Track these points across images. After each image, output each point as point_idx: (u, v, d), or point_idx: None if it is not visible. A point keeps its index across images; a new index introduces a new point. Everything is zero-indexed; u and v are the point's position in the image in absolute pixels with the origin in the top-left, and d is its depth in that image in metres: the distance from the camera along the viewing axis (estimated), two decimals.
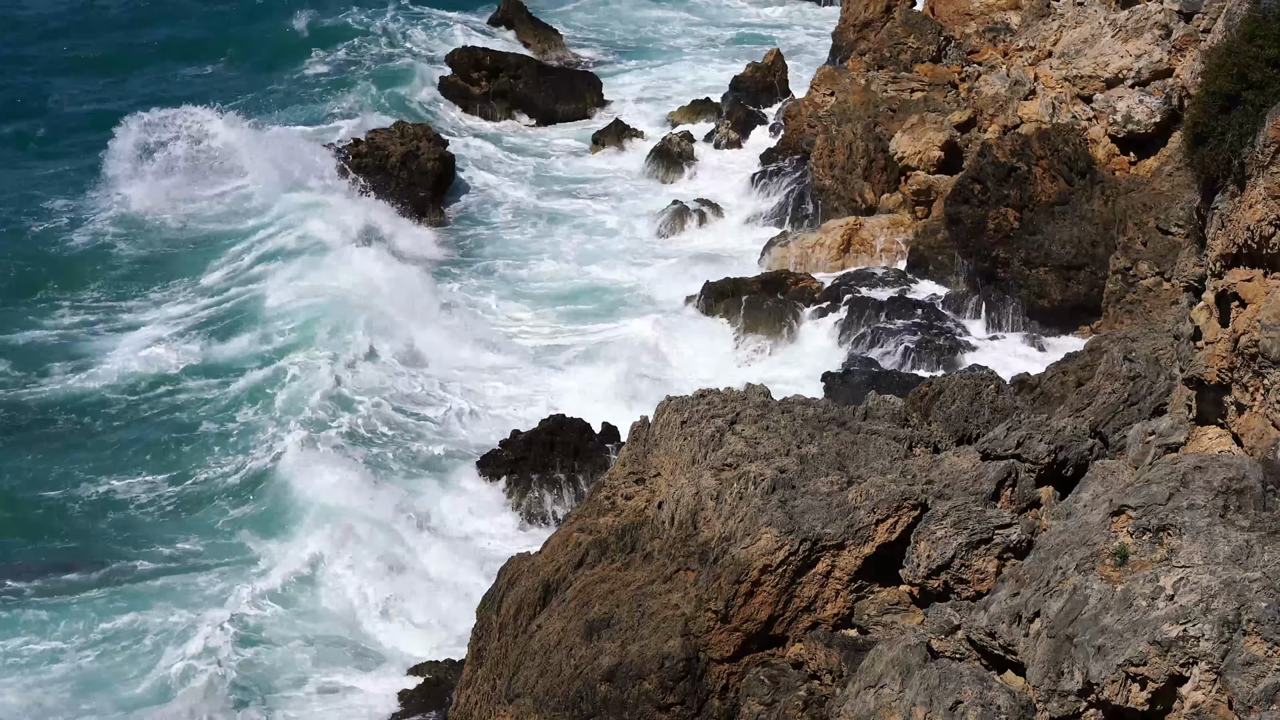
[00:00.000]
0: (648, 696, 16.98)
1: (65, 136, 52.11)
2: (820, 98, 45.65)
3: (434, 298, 39.21)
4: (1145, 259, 33.54)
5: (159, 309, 39.12)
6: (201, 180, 47.27)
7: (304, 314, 37.45)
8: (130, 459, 31.31)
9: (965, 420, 20.24)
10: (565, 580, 19.09)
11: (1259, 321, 14.40)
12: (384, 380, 34.45)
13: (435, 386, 34.68)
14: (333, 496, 29.02)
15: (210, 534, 28.58)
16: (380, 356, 35.35)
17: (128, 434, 32.33)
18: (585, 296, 40.75)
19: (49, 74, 59.18)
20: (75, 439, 32.23)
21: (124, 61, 61.15)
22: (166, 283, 40.83)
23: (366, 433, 32.26)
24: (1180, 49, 37.44)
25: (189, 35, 64.89)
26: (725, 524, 17.44)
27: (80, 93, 57.34)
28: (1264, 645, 12.29)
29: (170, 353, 35.90)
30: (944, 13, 46.61)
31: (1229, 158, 14.76)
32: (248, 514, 29.22)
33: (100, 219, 44.67)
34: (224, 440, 31.98)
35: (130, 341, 36.74)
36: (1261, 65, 14.53)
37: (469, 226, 46.24)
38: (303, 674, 24.52)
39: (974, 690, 13.83)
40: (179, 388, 34.47)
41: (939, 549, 16.31)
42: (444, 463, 31.55)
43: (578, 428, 30.85)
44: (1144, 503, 13.70)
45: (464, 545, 28.59)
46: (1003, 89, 40.38)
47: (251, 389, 34.07)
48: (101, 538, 28.29)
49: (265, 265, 41.16)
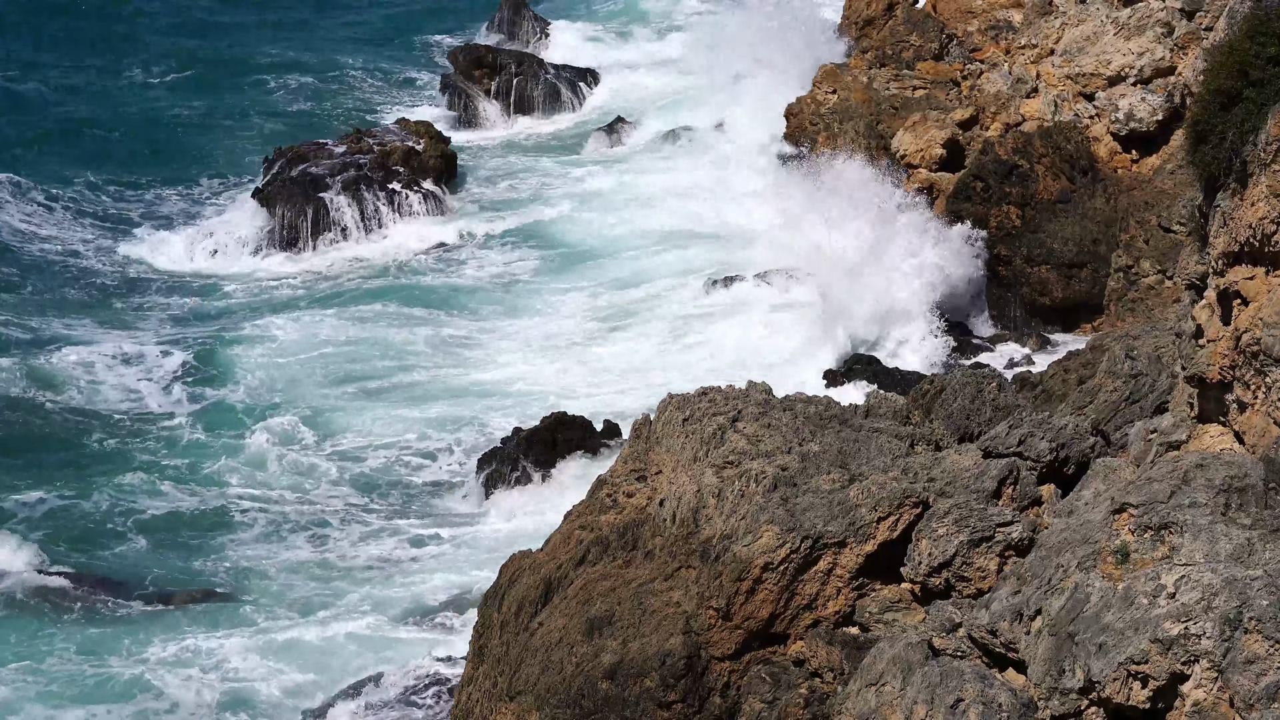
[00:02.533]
0: (649, 694, 16.98)
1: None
2: (822, 95, 45.57)
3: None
4: (1147, 257, 33.54)
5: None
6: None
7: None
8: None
9: (967, 418, 20.23)
10: (566, 578, 19.09)
11: (1261, 319, 14.40)
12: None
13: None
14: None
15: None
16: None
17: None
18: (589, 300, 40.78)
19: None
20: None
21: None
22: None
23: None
24: (1182, 47, 37.42)
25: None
26: (727, 521, 17.44)
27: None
28: (1265, 643, 12.29)
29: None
30: (946, 10, 46.54)
31: (1231, 156, 14.74)
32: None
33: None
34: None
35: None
36: (1263, 63, 14.51)
37: (469, 224, 46.18)
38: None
39: (975, 688, 13.84)
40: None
41: (940, 547, 16.31)
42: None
43: (580, 424, 30.87)
44: (1145, 501, 13.70)
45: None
46: (1005, 87, 40.36)
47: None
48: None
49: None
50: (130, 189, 48.30)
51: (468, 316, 39.04)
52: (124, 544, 28.35)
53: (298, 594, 26.66)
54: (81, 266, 42.32)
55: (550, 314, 38.93)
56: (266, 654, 24.54)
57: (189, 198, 48.11)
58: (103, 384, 34.66)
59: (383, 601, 26.38)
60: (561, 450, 30.39)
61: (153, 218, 46.32)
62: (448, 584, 26.90)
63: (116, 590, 26.61)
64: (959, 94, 43.41)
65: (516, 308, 39.64)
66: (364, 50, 62.79)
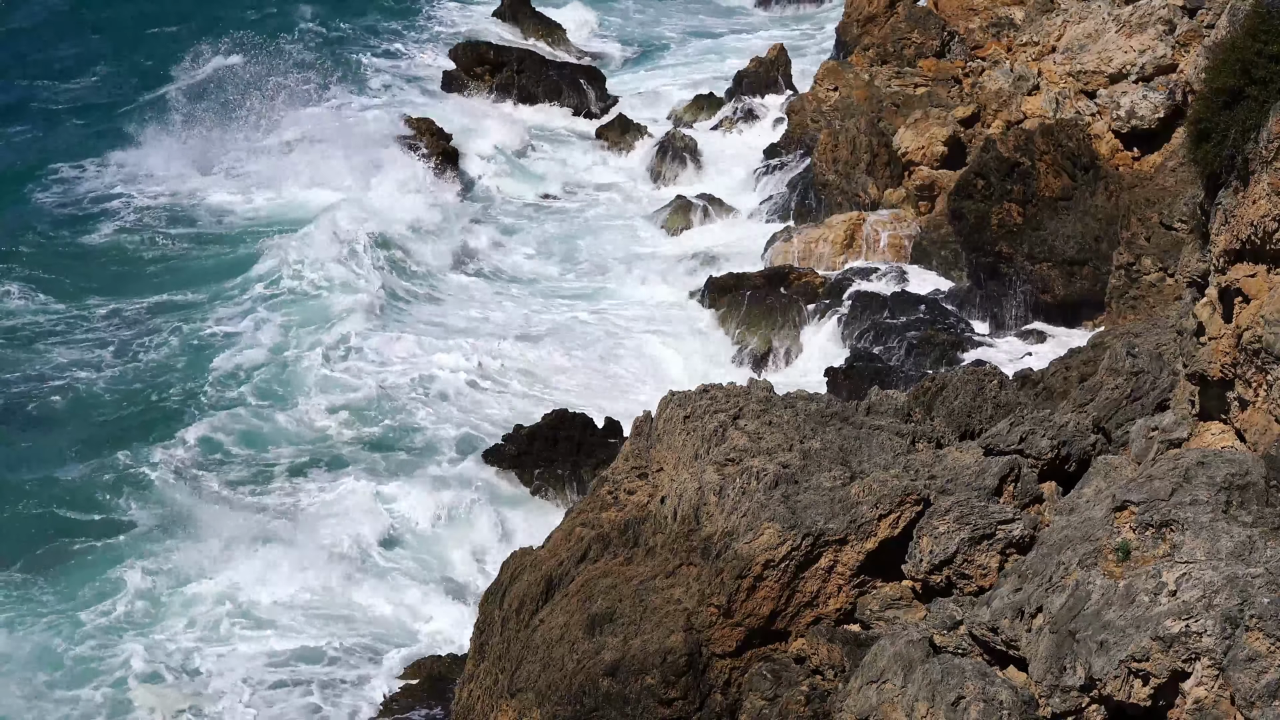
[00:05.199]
0: (650, 691, 16.99)
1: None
2: (824, 92, 45.63)
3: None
4: (1149, 254, 33.53)
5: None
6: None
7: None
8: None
9: (968, 415, 20.24)
10: (568, 575, 19.10)
11: (1262, 317, 14.40)
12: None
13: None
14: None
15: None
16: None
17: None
18: (587, 296, 40.78)
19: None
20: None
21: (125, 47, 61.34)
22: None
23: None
24: (1184, 44, 37.43)
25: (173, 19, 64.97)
26: (728, 519, 17.45)
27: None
28: (1266, 641, 12.29)
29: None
30: (948, 8, 46.57)
31: (1232, 153, 14.75)
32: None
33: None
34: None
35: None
36: (1265, 61, 14.52)
37: (470, 220, 46.20)
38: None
39: (976, 686, 13.84)
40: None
41: (941, 544, 16.32)
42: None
43: (581, 423, 30.86)
44: (1147, 498, 13.70)
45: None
46: (1006, 84, 40.36)
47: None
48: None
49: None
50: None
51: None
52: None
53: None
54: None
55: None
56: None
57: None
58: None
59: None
60: (562, 449, 30.43)
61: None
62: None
63: None
64: (960, 91, 43.44)
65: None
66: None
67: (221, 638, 25.22)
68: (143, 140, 48.58)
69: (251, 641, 25.16)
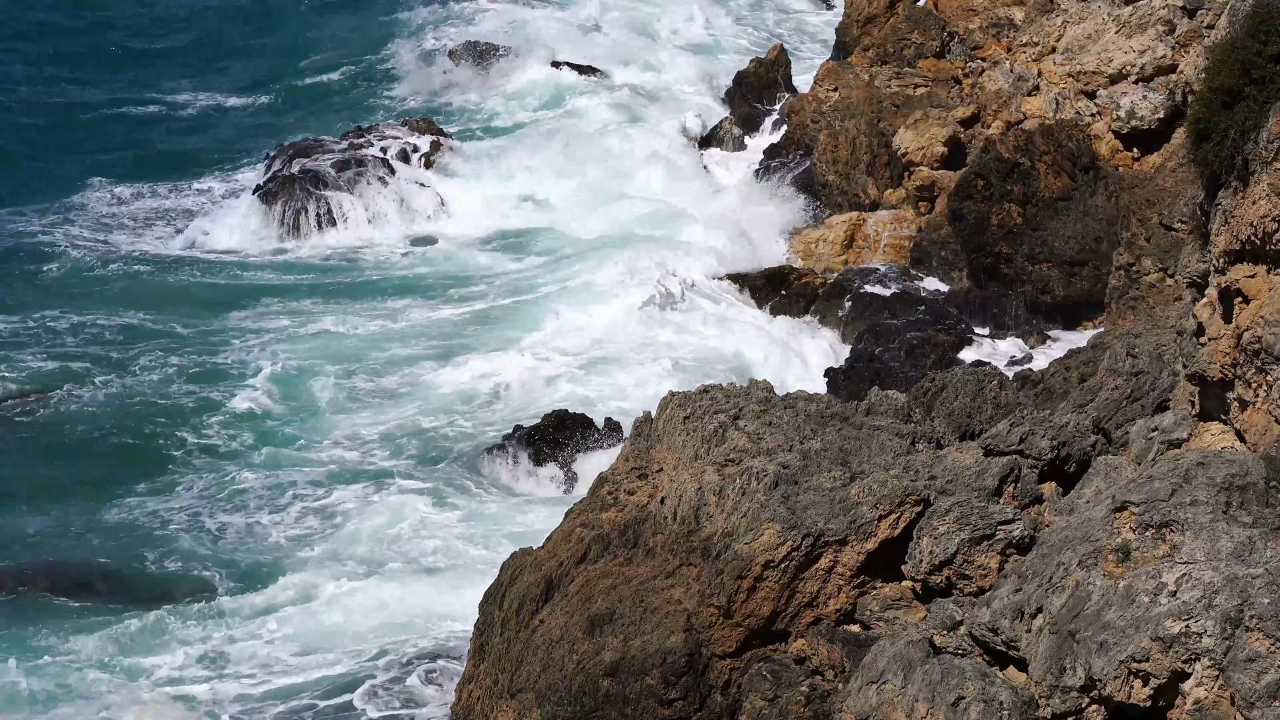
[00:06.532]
0: (650, 691, 16.99)
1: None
2: (824, 93, 45.57)
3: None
4: (1149, 255, 33.54)
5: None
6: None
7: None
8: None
9: (968, 416, 20.24)
10: (568, 575, 19.10)
11: (1262, 317, 14.41)
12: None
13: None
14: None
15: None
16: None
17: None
18: (583, 292, 40.75)
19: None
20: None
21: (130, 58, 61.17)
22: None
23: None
24: (1184, 44, 37.46)
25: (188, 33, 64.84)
26: (728, 519, 17.45)
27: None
28: (1266, 641, 12.29)
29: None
30: (948, 8, 46.54)
31: (1232, 154, 14.77)
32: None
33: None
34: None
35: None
36: (1265, 61, 14.54)
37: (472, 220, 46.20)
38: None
39: (976, 686, 13.84)
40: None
41: (941, 545, 16.32)
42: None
43: (581, 422, 30.86)
44: (1147, 499, 13.70)
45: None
46: (1006, 85, 40.37)
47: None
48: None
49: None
50: (127, 185, 48.42)
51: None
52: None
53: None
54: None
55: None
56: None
57: (186, 193, 48.19)
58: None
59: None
60: (562, 447, 30.43)
61: (152, 214, 46.35)
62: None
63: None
64: (960, 92, 43.40)
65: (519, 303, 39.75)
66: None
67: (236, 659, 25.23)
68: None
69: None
